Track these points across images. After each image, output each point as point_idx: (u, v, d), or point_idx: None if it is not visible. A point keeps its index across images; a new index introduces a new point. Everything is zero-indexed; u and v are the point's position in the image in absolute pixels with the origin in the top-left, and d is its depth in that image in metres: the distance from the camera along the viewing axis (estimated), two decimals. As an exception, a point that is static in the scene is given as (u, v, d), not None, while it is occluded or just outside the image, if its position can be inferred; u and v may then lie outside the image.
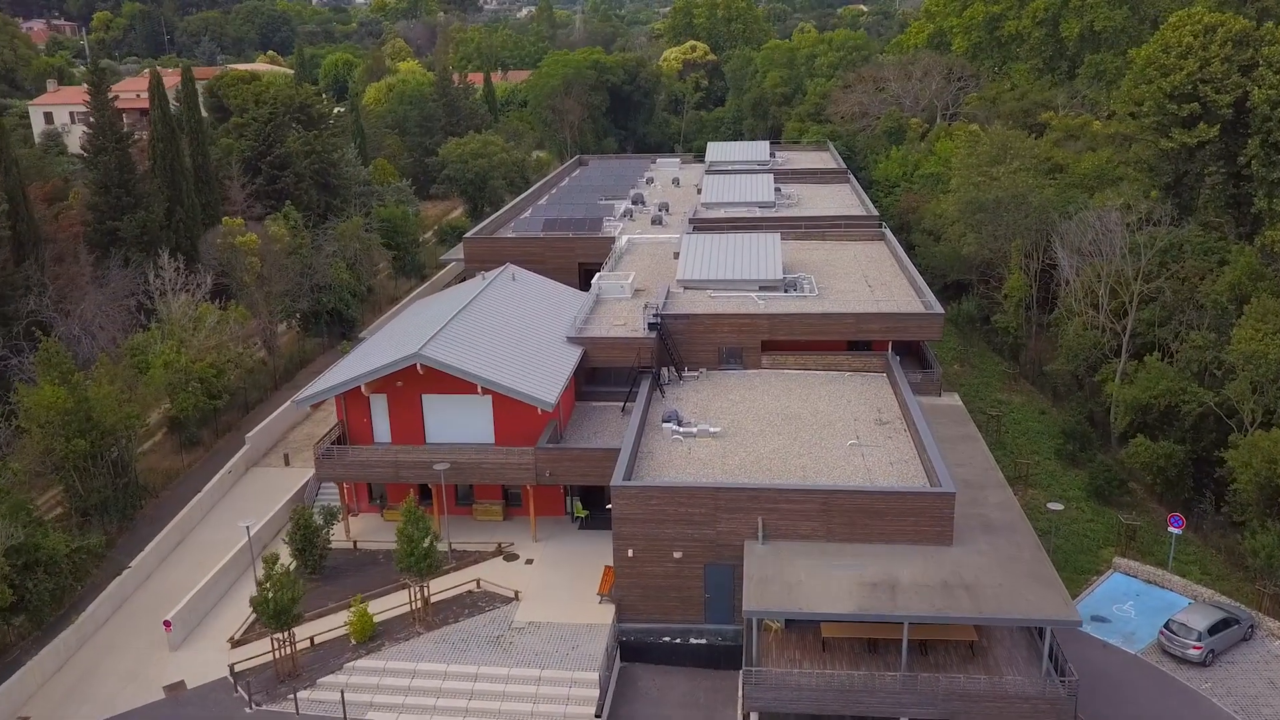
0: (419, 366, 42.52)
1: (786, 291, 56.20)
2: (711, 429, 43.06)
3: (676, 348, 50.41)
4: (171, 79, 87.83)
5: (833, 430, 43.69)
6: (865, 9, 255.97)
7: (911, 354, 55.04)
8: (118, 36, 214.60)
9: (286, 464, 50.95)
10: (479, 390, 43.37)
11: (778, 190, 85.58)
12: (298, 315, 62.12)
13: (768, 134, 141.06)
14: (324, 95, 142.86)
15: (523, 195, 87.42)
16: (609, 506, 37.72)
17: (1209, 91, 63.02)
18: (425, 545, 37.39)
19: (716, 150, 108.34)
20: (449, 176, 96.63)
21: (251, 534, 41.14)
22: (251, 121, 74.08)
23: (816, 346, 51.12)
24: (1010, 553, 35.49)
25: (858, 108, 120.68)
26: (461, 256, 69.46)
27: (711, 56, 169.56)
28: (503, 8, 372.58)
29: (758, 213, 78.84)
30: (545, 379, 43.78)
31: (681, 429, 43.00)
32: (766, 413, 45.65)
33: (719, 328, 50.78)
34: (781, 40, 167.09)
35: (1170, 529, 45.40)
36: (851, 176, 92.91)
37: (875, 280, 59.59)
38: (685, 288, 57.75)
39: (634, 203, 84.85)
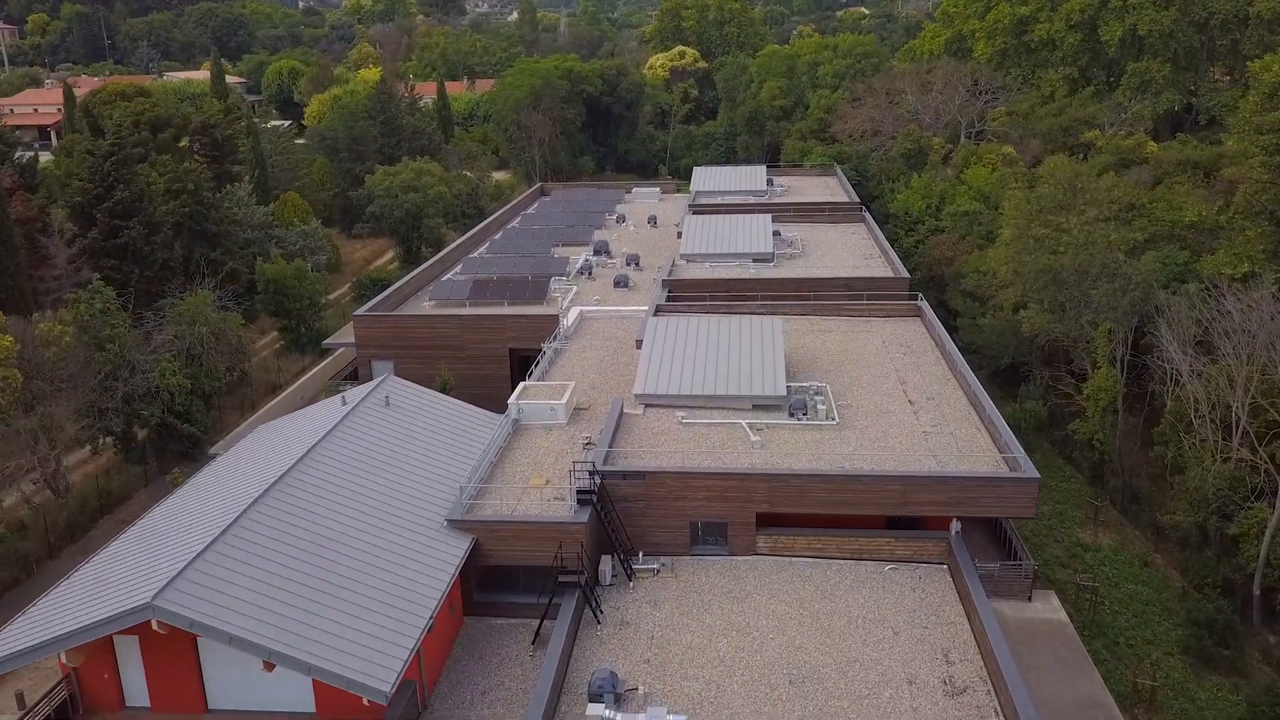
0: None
1: (792, 415, 38.49)
2: None
3: (622, 528, 32.64)
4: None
5: (875, 707, 25.92)
6: (867, 12, 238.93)
7: (982, 523, 37.27)
8: (54, 41, 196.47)
9: (20, 706, 33.11)
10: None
11: (776, 235, 68.01)
12: (107, 437, 44.44)
13: (764, 152, 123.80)
14: (273, 108, 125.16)
15: (456, 242, 69.60)
16: None
17: (1375, 121, 45.59)
18: None
19: (704, 177, 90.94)
20: (375, 214, 78.84)
21: None
22: (86, 156, 56.24)
23: (841, 522, 33.37)
24: None
25: (869, 124, 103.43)
26: (352, 340, 51.69)
27: (702, 63, 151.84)
28: (493, 11, 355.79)
29: (751, 270, 61.24)
30: (386, 634, 25.89)
31: (620, 718, 25.20)
32: (765, 664, 27.85)
33: (692, 492, 33.00)
34: (780, 46, 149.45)
35: None
36: (868, 215, 75.31)
37: (918, 389, 41.91)
38: (647, 406, 40.03)
39: (596, 252, 67.22)
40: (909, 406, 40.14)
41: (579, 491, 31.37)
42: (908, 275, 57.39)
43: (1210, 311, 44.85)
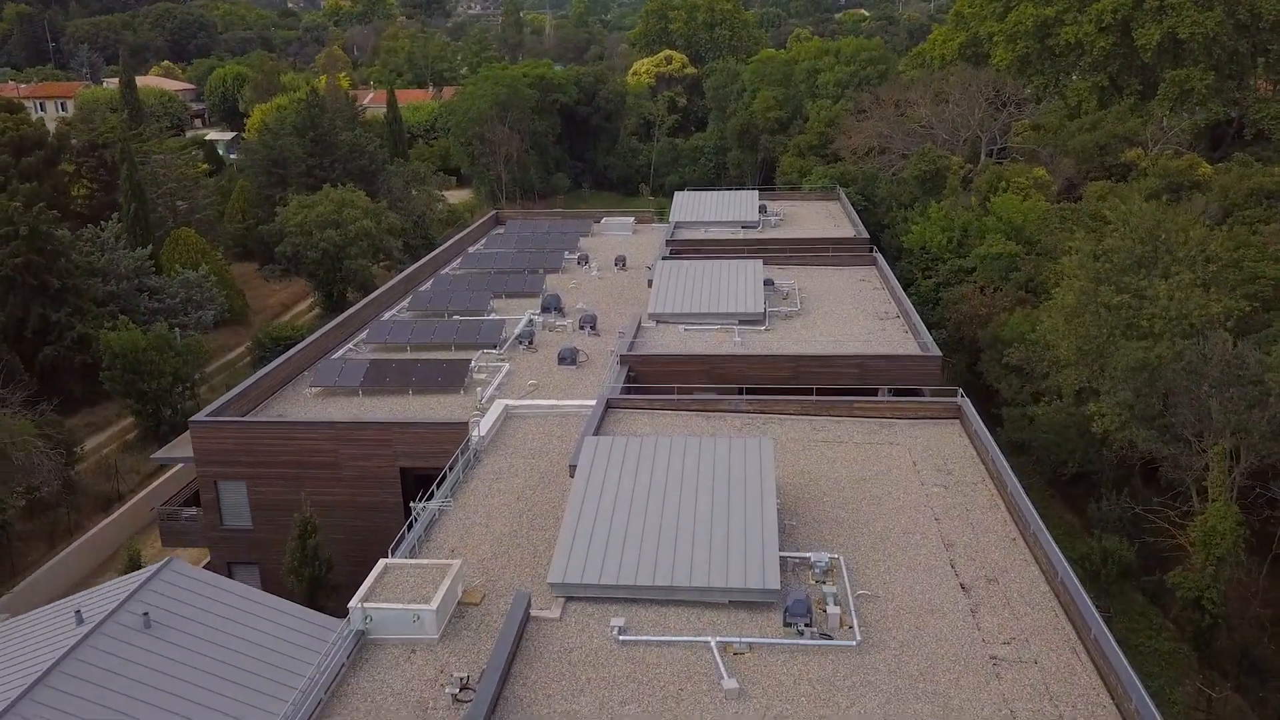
0: None
1: (789, 624, 25.06)
2: None
3: None
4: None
5: None
6: (866, 14, 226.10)
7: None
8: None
9: None
10: None
11: (769, 285, 54.67)
12: None
13: (758, 169, 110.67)
14: (225, 121, 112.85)
15: (372, 295, 55.99)
16: None
17: None
18: None
19: (686, 204, 77.40)
20: (285, 254, 65.34)
21: None
22: None
23: None
24: None
25: (876, 140, 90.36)
26: (191, 455, 38.08)
27: (691, 69, 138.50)
28: (486, 13, 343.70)
29: (737, 337, 47.79)
30: None
31: None
32: None
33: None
34: (775, 50, 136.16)
35: None
36: (880, 257, 61.87)
37: (972, 558, 28.47)
38: (568, 599, 26.55)
39: (545, 309, 53.83)
40: (962, 596, 26.73)
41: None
42: (939, 353, 43.93)
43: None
